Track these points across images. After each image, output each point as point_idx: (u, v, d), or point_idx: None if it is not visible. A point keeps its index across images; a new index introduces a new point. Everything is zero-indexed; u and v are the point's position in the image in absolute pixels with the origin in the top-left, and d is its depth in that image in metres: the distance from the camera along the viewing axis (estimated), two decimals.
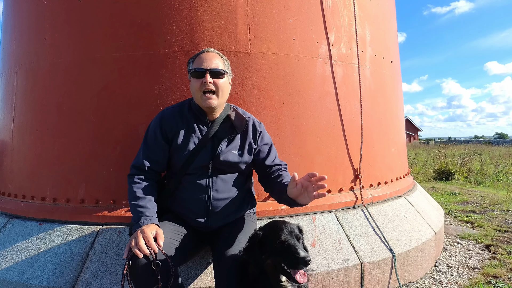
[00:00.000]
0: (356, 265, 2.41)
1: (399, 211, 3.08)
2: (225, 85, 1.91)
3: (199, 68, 1.85)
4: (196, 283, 2.13)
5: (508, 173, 10.60)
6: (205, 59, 1.87)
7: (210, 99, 1.84)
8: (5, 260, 2.35)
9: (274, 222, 1.68)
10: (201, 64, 1.85)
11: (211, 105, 1.86)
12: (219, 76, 1.87)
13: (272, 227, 1.65)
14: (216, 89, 1.86)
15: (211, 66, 1.85)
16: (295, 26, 2.74)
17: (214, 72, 1.85)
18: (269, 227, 1.66)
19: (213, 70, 1.85)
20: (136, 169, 1.91)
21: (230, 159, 1.91)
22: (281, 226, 1.62)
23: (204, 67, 1.84)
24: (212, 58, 1.88)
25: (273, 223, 1.68)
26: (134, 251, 1.53)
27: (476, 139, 63.00)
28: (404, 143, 4.06)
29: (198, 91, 1.85)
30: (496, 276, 2.82)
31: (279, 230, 1.60)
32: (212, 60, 1.87)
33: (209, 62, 1.86)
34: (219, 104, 1.90)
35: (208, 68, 1.84)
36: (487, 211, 5.14)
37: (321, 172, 2.73)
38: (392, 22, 3.87)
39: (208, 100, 1.84)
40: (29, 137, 2.83)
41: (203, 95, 1.84)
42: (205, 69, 1.84)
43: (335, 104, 2.88)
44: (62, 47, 2.71)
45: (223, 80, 1.89)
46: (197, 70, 1.85)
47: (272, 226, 1.65)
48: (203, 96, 1.84)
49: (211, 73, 1.84)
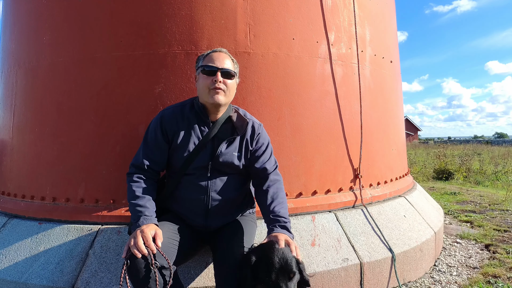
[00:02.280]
0: (356, 265, 2.41)
1: (399, 210, 3.08)
2: (233, 86, 1.92)
3: (210, 66, 1.85)
4: (196, 282, 2.13)
5: (507, 173, 10.61)
6: (218, 58, 1.87)
7: (218, 94, 1.84)
8: (5, 259, 2.35)
9: (268, 250, 1.55)
10: (213, 62, 1.86)
11: (218, 101, 1.85)
12: (229, 76, 1.88)
13: (265, 256, 1.53)
14: (225, 88, 1.86)
15: (223, 66, 1.86)
16: (295, 26, 2.73)
17: (225, 72, 1.86)
18: (263, 255, 1.54)
19: (225, 70, 1.86)
20: (135, 168, 1.91)
21: (229, 160, 1.91)
22: (273, 259, 1.50)
23: (217, 66, 1.85)
24: (224, 59, 1.89)
25: (267, 251, 1.55)
26: (132, 251, 1.53)
27: (476, 139, 63.05)
28: (403, 143, 4.07)
29: (207, 87, 1.85)
30: (496, 275, 2.82)
31: (271, 265, 1.49)
32: (224, 60, 1.88)
33: (221, 62, 1.87)
34: (225, 103, 1.90)
35: (220, 67, 1.85)
36: (486, 210, 5.14)
37: (320, 171, 2.75)
38: (392, 22, 3.87)
39: (216, 95, 1.84)
40: (28, 137, 2.83)
41: (211, 90, 1.84)
42: (217, 68, 1.84)
43: (335, 103, 2.88)
44: (62, 47, 2.71)
45: (232, 81, 1.90)
46: (207, 69, 1.85)
47: (266, 255, 1.53)
48: (211, 91, 1.84)
49: (222, 73, 1.85)
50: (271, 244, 1.59)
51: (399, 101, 3.88)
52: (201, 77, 1.89)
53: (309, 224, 2.55)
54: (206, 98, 1.87)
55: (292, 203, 2.59)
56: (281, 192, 1.94)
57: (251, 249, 1.73)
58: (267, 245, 1.60)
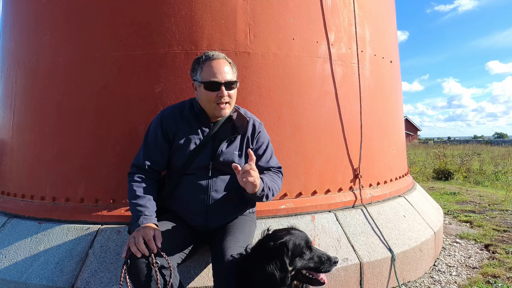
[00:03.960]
0: (356, 265, 2.41)
1: (399, 210, 3.08)
2: (235, 93, 1.92)
3: (213, 82, 1.80)
4: (195, 282, 2.13)
5: (507, 173, 10.62)
6: (218, 69, 1.82)
7: (225, 109, 1.86)
8: (5, 259, 2.35)
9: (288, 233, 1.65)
10: (215, 76, 1.80)
11: (225, 115, 1.89)
12: (232, 87, 1.86)
13: (295, 235, 1.63)
14: (230, 101, 1.87)
15: (226, 78, 1.82)
16: (295, 26, 2.74)
17: (228, 84, 1.83)
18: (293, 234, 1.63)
19: (228, 82, 1.83)
20: (136, 167, 1.91)
21: (230, 159, 1.91)
22: (300, 236, 1.63)
23: (219, 80, 1.80)
24: (223, 67, 1.84)
25: (289, 234, 1.64)
26: (133, 251, 1.53)
27: (475, 139, 63.07)
28: (403, 143, 4.07)
29: (212, 102, 1.83)
30: (495, 275, 2.82)
31: (304, 235, 1.65)
32: (224, 69, 1.83)
33: (223, 74, 1.82)
34: (230, 111, 1.92)
35: (223, 82, 1.81)
36: (486, 210, 5.14)
37: (320, 171, 2.76)
38: (392, 22, 3.87)
39: (223, 111, 1.85)
40: (28, 136, 2.83)
41: (217, 105, 1.83)
42: (220, 83, 1.80)
43: (334, 103, 2.88)
44: (62, 46, 2.70)
45: (235, 89, 1.90)
46: (211, 85, 1.80)
47: (295, 232, 1.65)
48: (217, 107, 1.84)
49: (225, 85, 1.82)
50: (286, 229, 1.68)
51: (399, 101, 3.89)
52: (203, 91, 1.84)
53: (308, 224, 2.55)
54: (211, 111, 1.88)
55: (292, 203, 2.60)
56: (278, 182, 1.94)
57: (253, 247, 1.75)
58: (281, 232, 1.65)
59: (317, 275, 1.61)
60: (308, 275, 1.62)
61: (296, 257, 1.57)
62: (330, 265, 1.60)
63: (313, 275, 1.62)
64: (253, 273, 1.53)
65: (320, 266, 1.60)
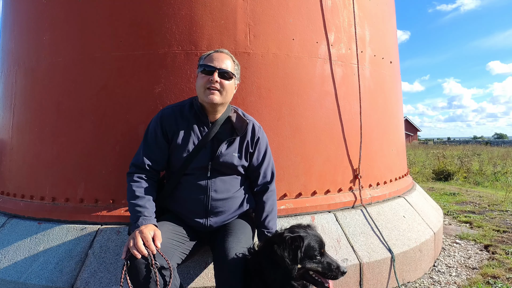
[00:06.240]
0: (355, 265, 2.41)
1: (398, 211, 3.08)
2: (230, 87, 1.92)
3: (209, 65, 1.86)
4: (195, 283, 2.13)
5: (506, 173, 10.63)
6: (217, 58, 1.89)
7: (213, 95, 1.85)
8: (4, 259, 2.35)
9: (308, 229, 1.70)
10: (212, 62, 1.87)
11: (212, 101, 1.85)
12: (227, 77, 1.88)
13: (311, 236, 1.65)
14: (221, 89, 1.86)
15: (221, 66, 1.87)
16: (295, 26, 2.74)
17: (222, 73, 1.86)
18: (310, 234, 1.66)
19: (222, 70, 1.86)
20: (135, 167, 1.91)
21: (229, 161, 1.92)
22: (317, 235, 1.68)
23: (214, 66, 1.86)
24: (223, 59, 1.89)
25: (308, 230, 1.69)
26: (132, 252, 1.53)
27: (475, 140, 63.08)
28: (403, 143, 4.07)
29: (203, 86, 1.86)
30: (495, 276, 2.83)
31: (319, 239, 1.67)
32: (224, 61, 1.89)
33: (220, 62, 1.87)
34: (221, 102, 1.90)
35: (217, 67, 1.85)
36: (486, 211, 5.14)
37: (320, 172, 2.75)
38: (392, 22, 3.87)
39: (210, 95, 1.85)
40: (28, 136, 2.83)
41: (206, 89, 1.85)
42: (214, 68, 1.85)
43: (334, 104, 2.88)
44: (62, 46, 2.70)
45: (229, 82, 1.90)
46: (206, 68, 1.86)
47: (312, 233, 1.67)
48: (206, 91, 1.85)
49: (219, 73, 1.86)
50: (303, 226, 1.72)
51: (398, 101, 3.89)
52: (199, 76, 1.90)
53: None
54: (202, 96, 1.89)
55: (291, 203, 2.60)
56: (275, 205, 2.08)
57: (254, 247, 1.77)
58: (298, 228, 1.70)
59: (324, 280, 1.63)
60: (315, 277, 1.64)
61: (306, 258, 1.59)
62: (338, 274, 1.61)
63: (320, 278, 1.63)
64: (265, 260, 1.57)
65: (328, 272, 1.61)
